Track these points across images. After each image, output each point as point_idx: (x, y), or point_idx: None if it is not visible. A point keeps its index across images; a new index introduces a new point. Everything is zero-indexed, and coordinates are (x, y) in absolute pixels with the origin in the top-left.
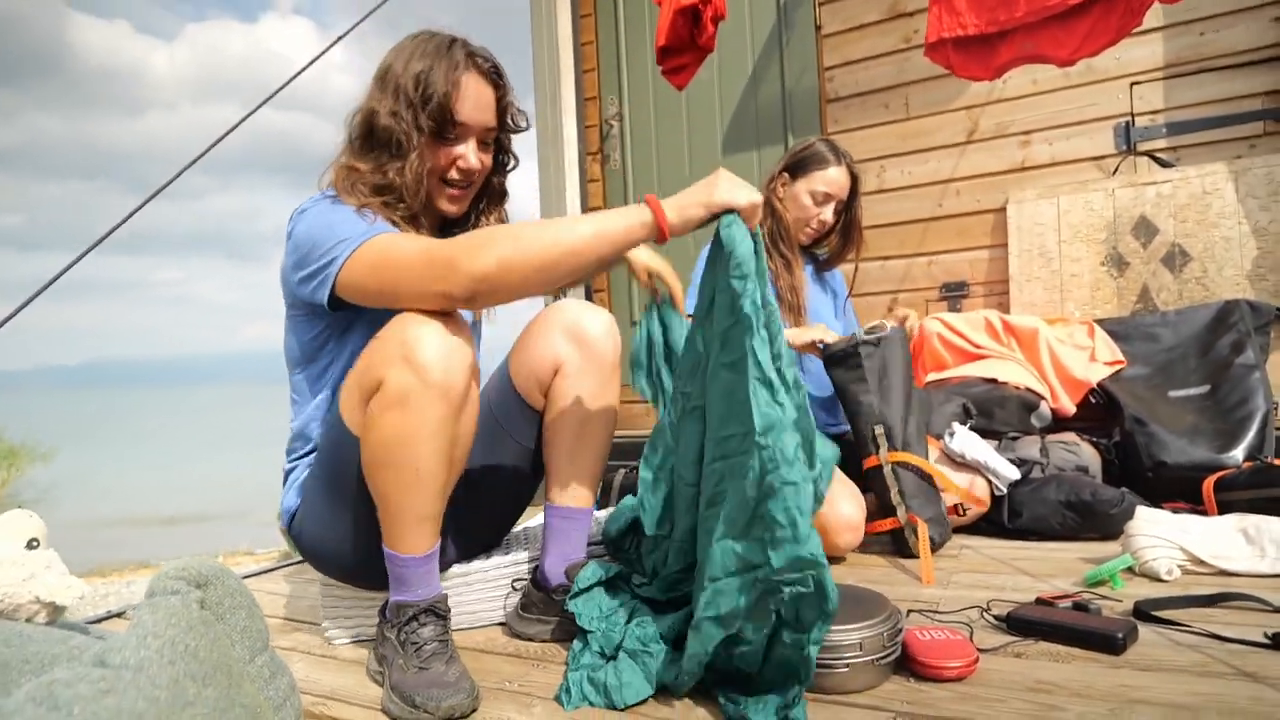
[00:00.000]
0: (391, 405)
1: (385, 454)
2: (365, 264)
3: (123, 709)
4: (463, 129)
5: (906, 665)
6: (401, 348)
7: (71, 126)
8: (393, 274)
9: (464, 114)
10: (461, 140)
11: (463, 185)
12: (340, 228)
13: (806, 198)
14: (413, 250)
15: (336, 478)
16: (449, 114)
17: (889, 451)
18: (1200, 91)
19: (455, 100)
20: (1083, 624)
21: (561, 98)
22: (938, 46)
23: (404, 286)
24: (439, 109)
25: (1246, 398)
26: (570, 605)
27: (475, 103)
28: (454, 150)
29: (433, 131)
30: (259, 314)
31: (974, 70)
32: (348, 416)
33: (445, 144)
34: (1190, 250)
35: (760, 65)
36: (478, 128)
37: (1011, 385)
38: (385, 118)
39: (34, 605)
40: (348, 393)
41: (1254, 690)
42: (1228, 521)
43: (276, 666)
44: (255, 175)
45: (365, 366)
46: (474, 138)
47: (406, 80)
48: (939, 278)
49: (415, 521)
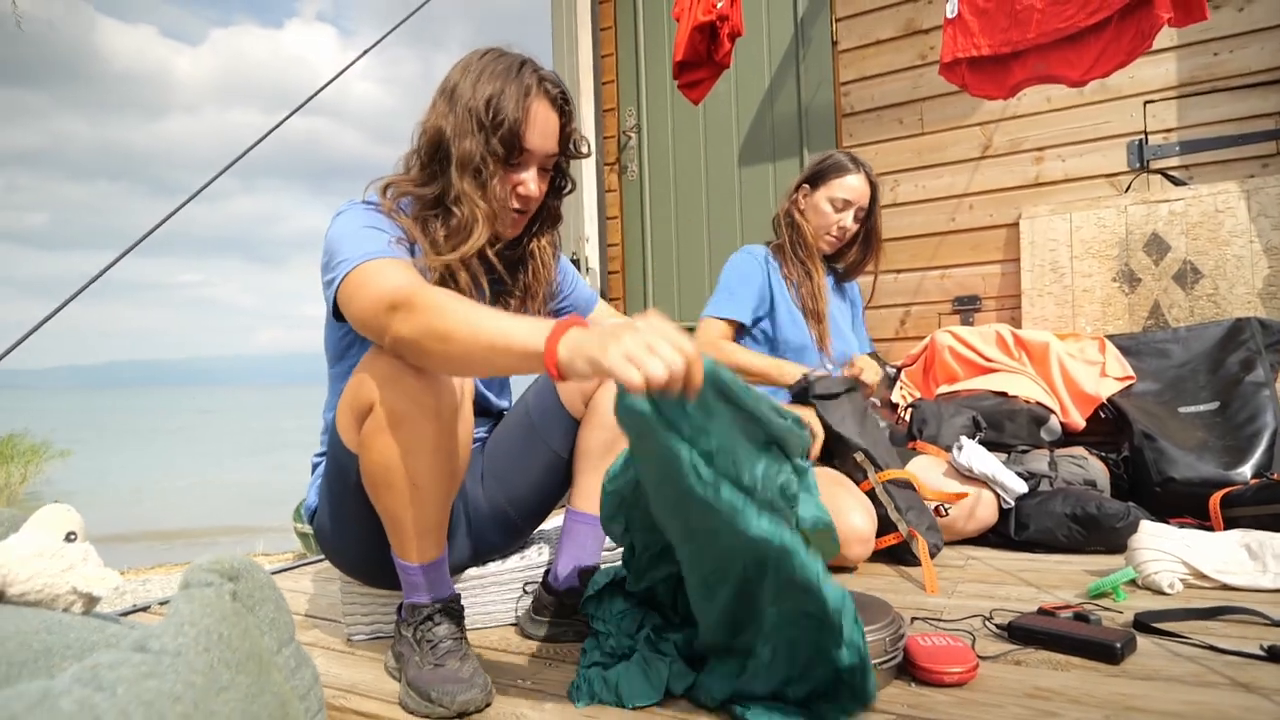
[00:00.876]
0: (384, 428)
1: (384, 475)
2: (349, 290)
3: (163, 691)
4: (528, 155)
5: (908, 670)
6: (389, 369)
7: (96, 129)
8: (356, 308)
9: (532, 142)
10: (525, 167)
11: (522, 211)
12: (350, 241)
13: (826, 205)
14: (376, 290)
15: (342, 489)
16: (518, 140)
17: (876, 473)
18: (1213, 111)
19: (524, 127)
20: (1082, 634)
21: (580, 109)
22: (953, 66)
23: (361, 324)
24: (509, 135)
25: (1256, 415)
26: (584, 608)
27: (543, 130)
28: (516, 176)
29: (501, 158)
30: (275, 318)
31: (988, 89)
32: (344, 434)
33: (510, 169)
34: (1202, 268)
35: (777, 80)
36: (542, 155)
37: (1022, 399)
38: (459, 139)
39: (71, 595)
40: (341, 413)
41: (1247, 700)
42: (1232, 537)
43: (301, 658)
44: (276, 179)
45: (356, 386)
46: (536, 165)
47: (477, 102)
48: (951, 291)
49: (419, 535)
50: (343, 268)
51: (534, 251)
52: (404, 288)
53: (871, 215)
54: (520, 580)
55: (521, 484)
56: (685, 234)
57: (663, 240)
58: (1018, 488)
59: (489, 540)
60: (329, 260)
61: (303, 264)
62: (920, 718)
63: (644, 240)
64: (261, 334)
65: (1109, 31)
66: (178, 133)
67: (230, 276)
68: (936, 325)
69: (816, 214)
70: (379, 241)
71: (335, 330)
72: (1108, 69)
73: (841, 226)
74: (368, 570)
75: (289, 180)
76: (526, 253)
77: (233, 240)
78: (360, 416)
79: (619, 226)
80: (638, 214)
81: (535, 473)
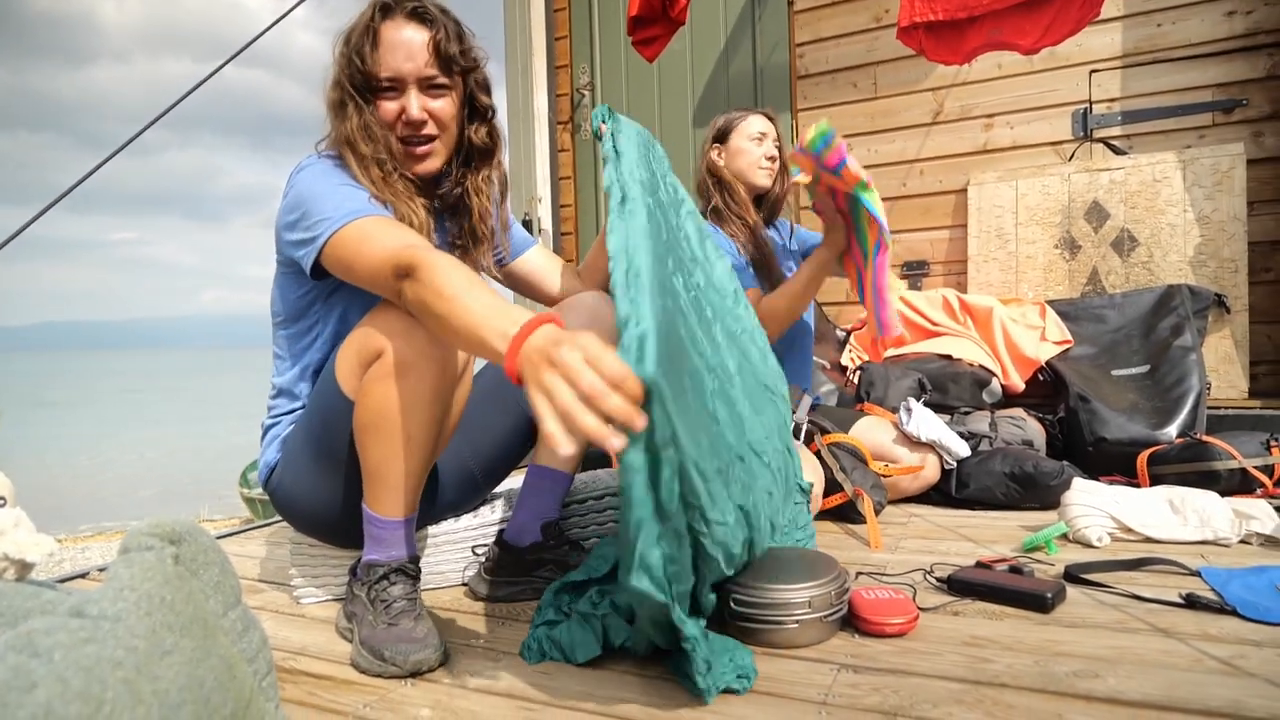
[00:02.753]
0: (390, 374)
1: (379, 420)
2: (346, 250)
3: (103, 656)
4: (396, 80)
5: (852, 622)
6: (405, 320)
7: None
8: (361, 268)
9: (386, 63)
10: (400, 92)
11: (417, 139)
12: (330, 200)
13: (747, 143)
14: (381, 252)
15: (324, 437)
16: (369, 65)
17: (823, 436)
18: (1155, 81)
19: (374, 50)
20: (1016, 585)
21: (533, 66)
22: (910, 30)
23: (369, 283)
24: (359, 61)
25: (1183, 378)
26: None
27: (399, 48)
28: (391, 105)
29: (357, 90)
30: (218, 277)
31: (944, 55)
32: (343, 380)
33: (384, 99)
34: (1138, 235)
35: (733, 39)
36: (412, 75)
37: (965, 362)
38: (332, 89)
39: (2, 562)
40: (345, 357)
41: (1165, 644)
42: (1156, 493)
43: (249, 621)
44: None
45: (367, 333)
46: (413, 87)
47: (339, 45)
48: (901, 256)
49: (398, 487)
50: (326, 226)
51: (470, 191)
52: (405, 251)
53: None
54: (476, 539)
55: (487, 442)
56: None
57: None
58: (961, 451)
59: (448, 498)
60: (301, 217)
61: (245, 222)
62: (863, 666)
63: (597, 201)
64: (203, 294)
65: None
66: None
67: (169, 235)
68: None
69: (741, 155)
70: (360, 199)
71: (296, 287)
72: (1058, 37)
73: (769, 155)
74: (330, 526)
75: (227, 135)
76: (464, 193)
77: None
78: (366, 363)
79: (572, 187)
80: (591, 174)
81: (503, 432)
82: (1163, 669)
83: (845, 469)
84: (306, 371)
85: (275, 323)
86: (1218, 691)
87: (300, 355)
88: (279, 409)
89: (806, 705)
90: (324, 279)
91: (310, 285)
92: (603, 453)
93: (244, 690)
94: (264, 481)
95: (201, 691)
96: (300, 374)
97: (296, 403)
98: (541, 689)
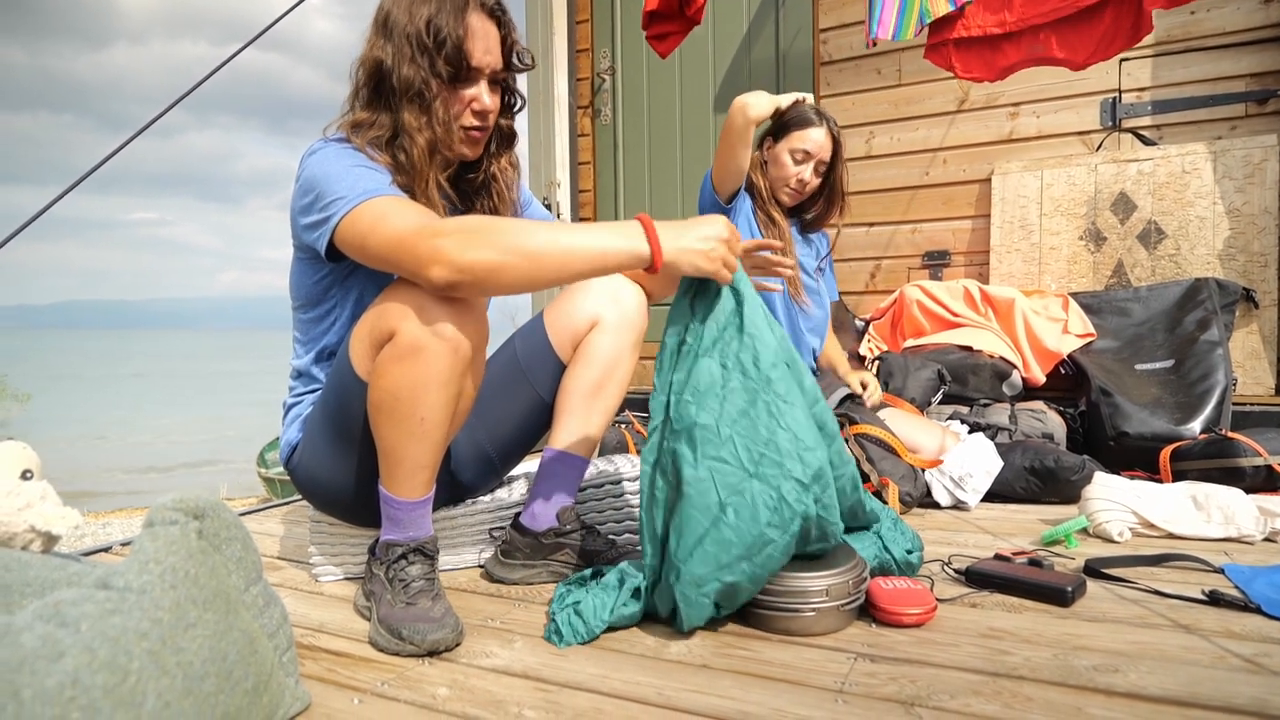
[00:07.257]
0: (403, 356)
1: (392, 402)
2: (360, 228)
3: (128, 627)
4: (476, 72)
5: (869, 612)
6: (417, 300)
7: (35, 58)
8: (383, 245)
9: (477, 56)
10: (474, 83)
11: (480, 128)
12: (343, 180)
13: (786, 156)
14: (406, 226)
15: (340, 418)
16: (464, 58)
17: (850, 426)
18: (1187, 71)
19: (468, 42)
20: (1035, 578)
21: (554, 49)
22: (938, 48)
23: (392, 260)
24: (455, 53)
25: (1208, 373)
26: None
27: (485, 43)
28: (468, 93)
29: (450, 77)
30: (236, 260)
31: (977, 71)
32: (357, 362)
33: (460, 87)
34: (1166, 228)
35: (755, 24)
36: (489, 69)
37: (986, 354)
38: (404, 66)
39: (29, 534)
40: (358, 338)
41: (1186, 640)
42: (1179, 489)
43: (269, 597)
44: (230, 115)
45: (379, 314)
46: (485, 79)
47: (416, 26)
48: (922, 246)
49: (414, 469)
50: (341, 205)
51: (495, 174)
52: (435, 220)
53: (834, 170)
54: (493, 521)
55: (504, 425)
56: (659, 181)
57: (635, 187)
58: (971, 504)
59: (464, 479)
60: (315, 200)
61: (261, 205)
62: (880, 656)
63: (616, 187)
64: (221, 276)
65: (1109, 12)
66: (123, 63)
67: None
68: (906, 279)
69: (776, 165)
70: (377, 180)
71: (313, 273)
72: (1112, 52)
73: (800, 179)
74: (349, 505)
75: (244, 117)
76: (489, 176)
77: (188, 177)
78: (378, 344)
79: (591, 172)
80: (610, 159)
81: (518, 415)
82: (1185, 665)
83: (873, 459)
84: (324, 355)
85: (294, 307)
86: (1241, 689)
87: (318, 339)
88: (299, 389)
89: (823, 693)
90: (340, 261)
91: (326, 270)
92: (619, 440)
93: (265, 664)
94: (285, 460)
95: (224, 664)
96: (318, 357)
97: (316, 385)
98: (557, 670)
